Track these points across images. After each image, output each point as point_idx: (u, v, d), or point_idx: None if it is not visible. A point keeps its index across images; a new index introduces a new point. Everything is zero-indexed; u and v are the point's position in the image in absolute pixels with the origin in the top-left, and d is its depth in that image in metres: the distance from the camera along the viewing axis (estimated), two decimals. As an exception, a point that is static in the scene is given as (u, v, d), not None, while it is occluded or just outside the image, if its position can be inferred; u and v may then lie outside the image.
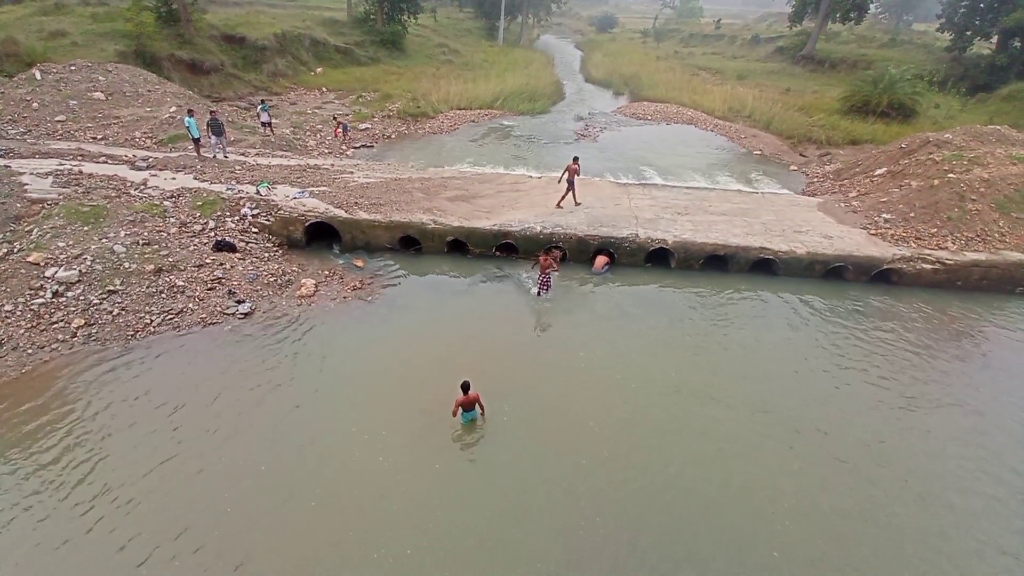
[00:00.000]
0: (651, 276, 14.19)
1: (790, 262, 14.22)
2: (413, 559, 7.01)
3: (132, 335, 10.57)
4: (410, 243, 14.66)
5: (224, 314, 11.39)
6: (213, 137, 17.12)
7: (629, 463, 8.57)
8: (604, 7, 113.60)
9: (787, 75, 41.97)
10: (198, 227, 13.49)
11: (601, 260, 14.11)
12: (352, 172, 17.64)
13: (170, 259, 12.18)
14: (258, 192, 15.06)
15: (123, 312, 10.90)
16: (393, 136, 25.12)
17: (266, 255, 13.54)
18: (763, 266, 14.40)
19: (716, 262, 14.47)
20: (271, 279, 12.64)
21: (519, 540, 7.33)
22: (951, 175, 16.22)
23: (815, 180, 21.54)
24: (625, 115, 31.89)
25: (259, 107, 21.52)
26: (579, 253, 14.41)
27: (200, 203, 14.20)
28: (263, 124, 21.38)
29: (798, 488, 8.27)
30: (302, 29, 35.20)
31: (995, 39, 35.54)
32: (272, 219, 14.29)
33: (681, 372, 10.75)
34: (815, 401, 10.11)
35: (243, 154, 18.58)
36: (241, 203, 14.57)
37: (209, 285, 11.96)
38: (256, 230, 14.10)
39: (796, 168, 23.70)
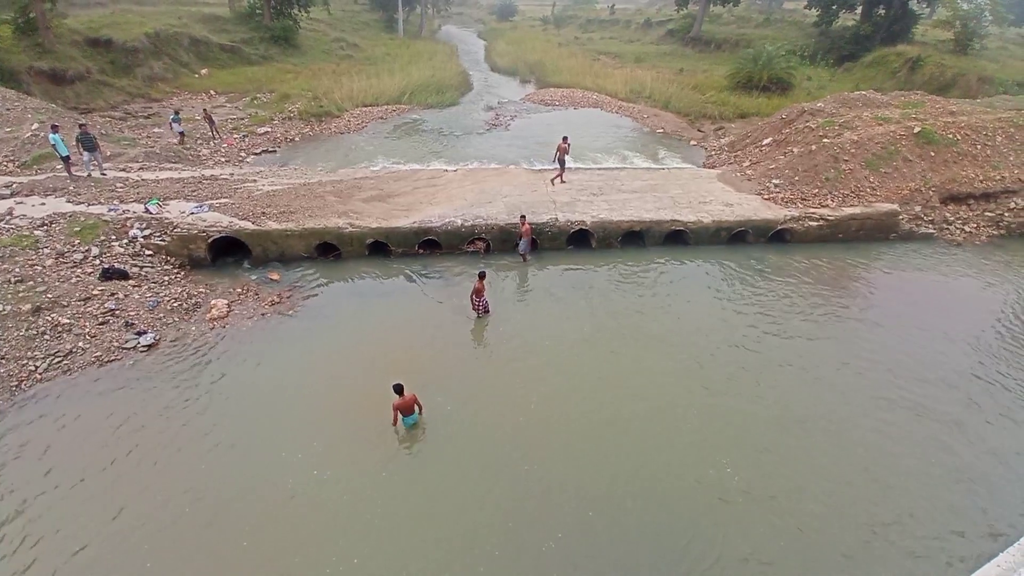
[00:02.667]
0: (574, 258, 14.59)
1: (699, 231, 15.18)
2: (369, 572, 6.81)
3: (16, 386, 9.31)
4: (328, 250, 14.03)
5: (123, 349, 10.32)
6: (85, 153, 15.32)
7: (577, 450, 8.79)
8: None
9: (679, 56, 44.43)
10: (78, 256, 12.08)
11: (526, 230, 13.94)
12: (255, 180, 16.52)
13: (49, 295, 10.83)
14: (147, 210, 13.72)
15: (1, 361, 9.56)
16: (297, 139, 23.78)
17: (166, 279, 12.39)
18: (676, 237, 15.27)
19: (633, 238, 15.15)
20: (175, 304, 11.61)
21: (476, 541, 7.34)
22: (825, 140, 18.01)
23: (713, 153, 23.06)
24: (534, 102, 32.29)
25: (171, 118, 20.78)
26: (502, 243, 14.49)
27: (78, 228, 12.71)
28: (179, 135, 20.58)
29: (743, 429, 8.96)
30: (178, 27, 32.23)
31: (859, 10, 39.47)
32: (168, 238, 13.09)
33: (612, 345, 11.22)
34: (736, 349, 11.07)
35: (124, 169, 16.80)
36: (128, 224, 13.22)
37: (100, 319, 10.76)
38: (150, 252, 12.87)
39: (695, 143, 25.23)
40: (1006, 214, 16.60)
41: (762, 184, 17.45)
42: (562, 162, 16.78)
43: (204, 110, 22.75)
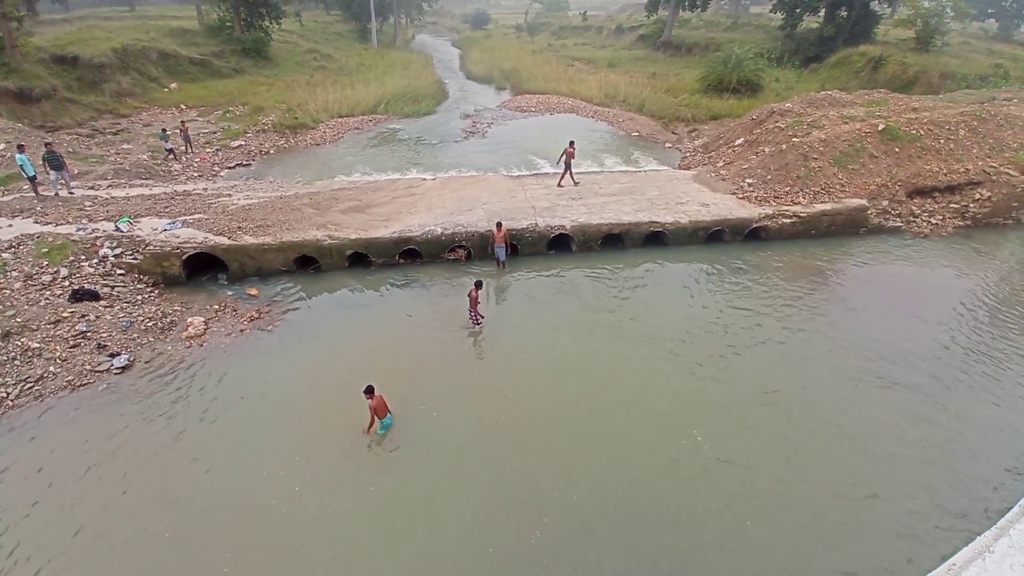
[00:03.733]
0: (555, 262, 14.66)
1: (677, 232, 15.40)
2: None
3: (-18, 414, 8.97)
4: (307, 262, 13.86)
5: (96, 372, 10.04)
6: (52, 172, 14.94)
7: (561, 440, 8.87)
8: (476, 4, 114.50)
9: (651, 61, 45.17)
10: (47, 277, 11.73)
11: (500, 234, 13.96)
12: (230, 194, 16.27)
13: (18, 319, 10.49)
14: (117, 228, 13.40)
15: (-36, 389, 9.21)
16: (272, 151, 23.52)
17: (139, 298, 12.11)
18: (654, 238, 15.46)
19: (613, 240, 15.29)
20: (149, 324, 11.34)
21: (468, 537, 7.29)
22: (795, 139, 18.46)
23: (687, 155, 23.45)
24: (510, 109, 32.47)
25: (158, 135, 21.11)
26: (482, 250, 14.50)
27: (46, 249, 12.36)
28: (168, 151, 20.66)
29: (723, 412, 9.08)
30: (146, 42, 31.69)
31: (822, 13, 40.66)
32: (140, 257, 12.80)
33: (593, 343, 11.33)
34: (714, 338, 11.34)
35: (92, 187, 16.41)
36: (99, 243, 12.90)
37: (72, 342, 10.46)
38: (122, 271, 12.56)
39: (670, 145, 25.64)
40: (971, 205, 17.18)
41: (736, 184, 17.79)
42: (568, 165, 17.23)
43: (182, 122, 22.44)
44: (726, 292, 13.40)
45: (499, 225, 13.68)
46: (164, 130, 21.36)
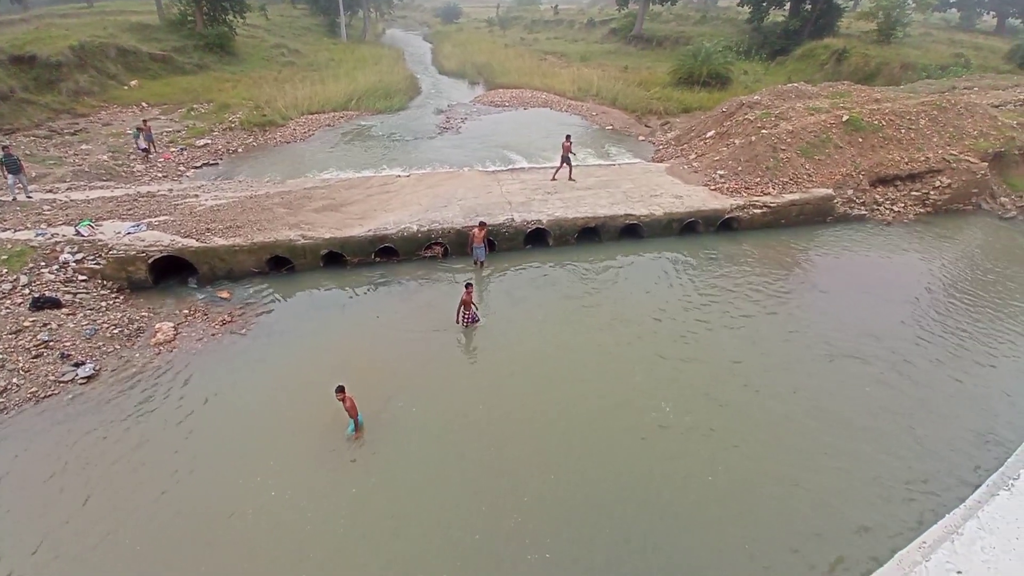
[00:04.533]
0: (532, 257, 14.69)
1: (652, 224, 15.58)
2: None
3: (-62, 431, 8.57)
4: (281, 263, 13.58)
5: (61, 383, 9.67)
6: (9, 176, 14.32)
7: (537, 427, 8.96)
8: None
9: (623, 54, 45.45)
10: (7, 286, 11.26)
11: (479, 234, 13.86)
12: (197, 195, 15.82)
13: (-28, 330, 10.02)
14: (78, 233, 12.92)
15: (-83, 405, 8.78)
16: (240, 150, 22.92)
17: (103, 304, 11.70)
18: (630, 231, 15.62)
19: (589, 234, 15.39)
20: (115, 331, 10.97)
21: (452, 525, 7.30)
22: (764, 131, 18.84)
23: (660, 147, 23.71)
24: (484, 104, 32.31)
25: (131, 134, 20.50)
26: (459, 246, 14.43)
27: (4, 257, 11.85)
28: (142, 151, 20.08)
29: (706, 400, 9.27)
30: (104, 38, 30.46)
31: (788, 6, 41.51)
32: (103, 261, 12.36)
33: (569, 332, 11.45)
34: (689, 324, 11.57)
35: (51, 190, 15.77)
36: (59, 249, 12.42)
37: (34, 352, 10.05)
38: (84, 277, 12.11)
39: (643, 138, 25.89)
40: (931, 192, 17.81)
41: (708, 175, 18.08)
42: (566, 159, 17.35)
43: (144, 121, 21.65)
44: (701, 281, 13.67)
45: (482, 224, 13.52)
46: (139, 128, 20.46)
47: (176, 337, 11.03)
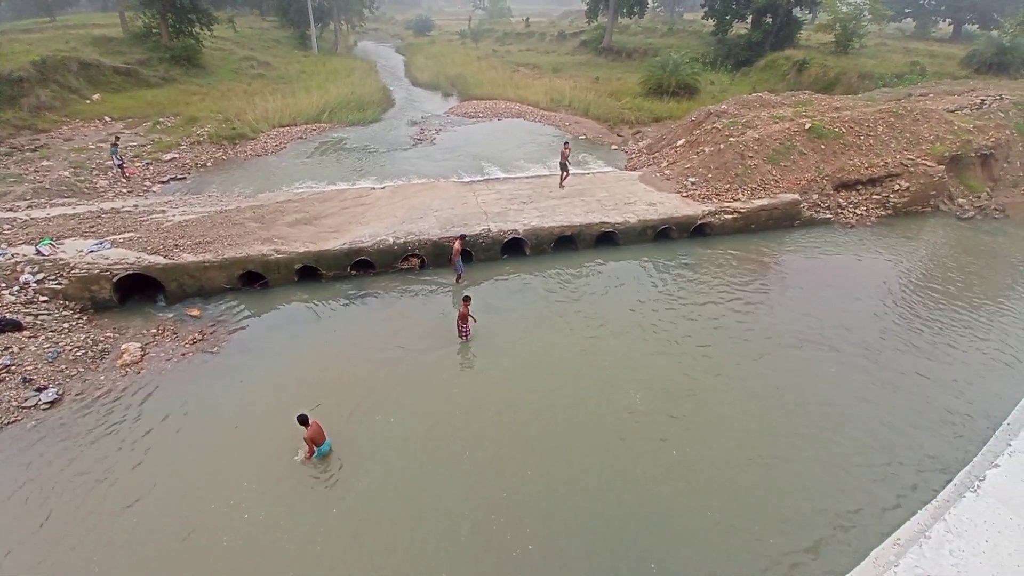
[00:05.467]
0: (509, 266, 14.73)
1: (627, 231, 15.81)
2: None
3: None
4: (254, 279, 13.31)
5: (23, 408, 9.26)
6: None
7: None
8: (418, 10, 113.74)
9: (594, 65, 46.24)
10: (-41, 309, 10.73)
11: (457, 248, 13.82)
12: (164, 210, 15.41)
13: (-77, 356, 9.52)
14: (39, 252, 12.44)
15: None
16: (209, 164, 22.45)
17: (65, 326, 11.26)
18: (606, 238, 15.81)
19: (566, 242, 15.52)
20: (78, 353, 10.56)
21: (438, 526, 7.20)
22: (731, 139, 19.37)
23: (633, 156, 24.13)
24: (457, 115, 32.40)
25: (110, 150, 19.88)
26: (436, 257, 14.38)
27: (-44, 278, 11.30)
28: (117, 166, 19.52)
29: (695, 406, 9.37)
30: (66, 52, 29.59)
31: (750, 19, 42.93)
32: (65, 281, 11.91)
33: (546, 338, 11.55)
34: (664, 324, 11.78)
35: (10, 209, 15.16)
36: (19, 269, 11.93)
37: (-8, 377, 9.60)
38: (45, 298, 11.65)
39: (616, 147, 26.31)
40: (891, 196, 18.53)
41: (680, 183, 18.46)
42: (564, 166, 17.75)
43: (116, 138, 21.07)
44: (677, 284, 13.98)
45: (462, 237, 13.53)
46: (115, 144, 19.97)
47: (143, 358, 10.68)
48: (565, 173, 18.03)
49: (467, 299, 11.26)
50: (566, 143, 18.18)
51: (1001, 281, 14.48)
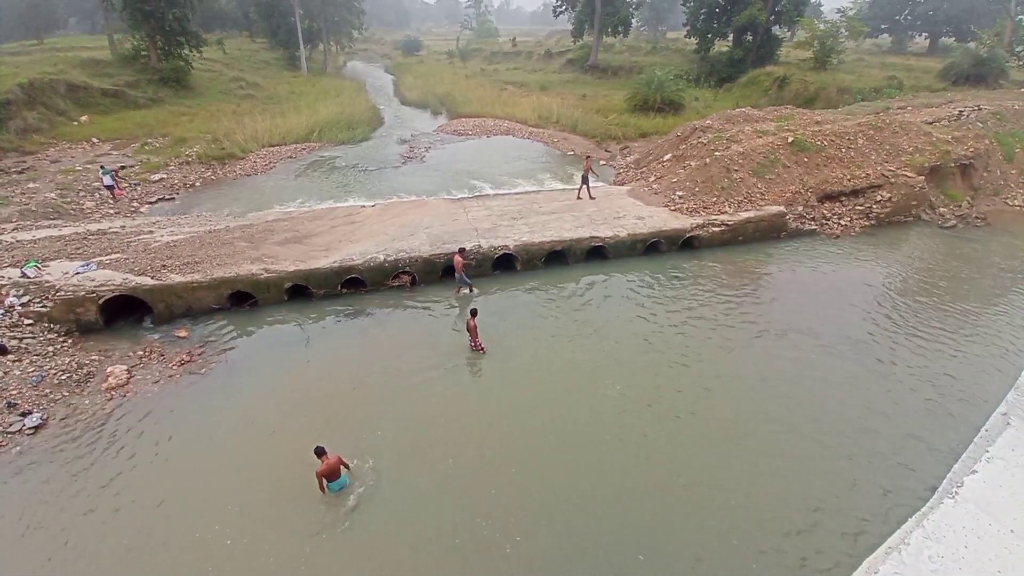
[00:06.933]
0: (500, 282, 14.75)
1: (616, 245, 15.94)
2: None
3: None
4: (243, 299, 13.21)
5: (7, 434, 9.06)
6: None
7: (518, 468, 8.79)
8: (406, 31, 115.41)
9: (581, 83, 47.05)
10: (-59, 334, 10.52)
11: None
12: (152, 231, 15.32)
13: (-98, 383, 9.30)
14: (24, 274, 12.28)
15: None
16: (198, 184, 22.41)
17: (50, 349, 11.08)
18: (596, 253, 15.92)
19: (556, 257, 15.60)
20: (63, 377, 10.38)
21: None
22: (717, 153, 19.71)
23: (621, 171, 24.44)
24: (447, 133, 32.71)
25: (100, 171, 19.87)
26: (427, 274, 14.38)
27: (-63, 303, 11.10)
28: (107, 188, 19.49)
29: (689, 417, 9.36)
30: (54, 74, 29.60)
31: (731, 37, 44.06)
32: (51, 304, 11.75)
33: (543, 363, 11.41)
34: (655, 334, 11.87)
35: (-7, 232, 14.99)
36: (4, 292, 11.76)
37: (-27, 403, 9.38)
38: (30, 321, 11.47)
39: (604, 162, 26.65)
40: (874, 206, 18.89)
41: (668, 197, 18.70)
42: (585, 179, 18.46)
43: (120, 167, 21.27)
44: (668, 296, 14.09)
45: (461, 251, 13.68)
46: (103, 167, 20.06)
47: (129, 381, 10.50)
48: (585, 186, 18.63)
49: (474, 312, 11.35)
50: (588, 157, 19.02)
51: (985, 287, 14.74)
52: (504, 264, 15.28)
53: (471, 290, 14.05)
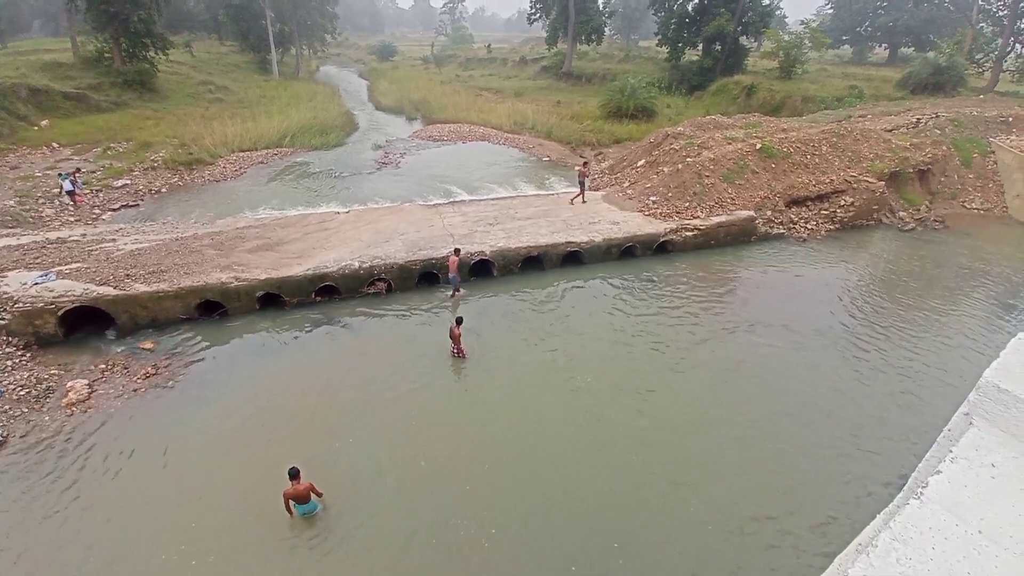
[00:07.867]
0: (477, 288, 14.72)
1: (592, 250, 16.09)
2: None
3: None
4: (212, 308, 12.86)
5: (-44, 454, 8.58)
6: None
7: (496, 476, 8.77)
8: (381, 36, 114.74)
9: (555, 90, 47.49)
10: None
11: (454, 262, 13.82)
12: (115, 239, 14.81)
13: None
14: (-23, 286, 11.70)
15: None
16: (164, 190, 21.77)
17: (8, 364, 10.58)
18: (572, 258, 16.03)
19: (532, 262, 15.65)
20: (21, 393, 9.92)
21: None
22: (688, 159, 20.11)
23: (596, 177, 24.68)
24: (422, 139, 32.57)
25: (59, 177, 19.30)
26: (403, 281, 14.26)
27: None
28: (67, 193, 18.79)
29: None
30: (15, 78, 28.47)
31: (700, 47, 45.10)
32: (8, 316, 11.23)
33: (520, 367, 11.44)
34: (633, 336, 12.02)
35: (-58, 241, 14.27)
36: (-48, 305, 11.17)
37: (-81, 423, 8.88)
38: (-16, 335, 10.93)
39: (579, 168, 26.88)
40: (838, 211, 19.53)
41: (642, 202, 18.98)
42: (582, 184, 18.97)
43: (76, 170, 20.45)
44: (643, 298, 14.33)
45: (457, 251, 13.78)
46: (66, 173, 19.43)
47: (91, 396, 10.10)
48: (581, 190, 19.03)
49: (459, 320, 11.29)
50: (585, 162, 19.41)
51: (944, 287, 15.37)
52: (481, 270, 15.26)
53: (453, 295, 14.02)
